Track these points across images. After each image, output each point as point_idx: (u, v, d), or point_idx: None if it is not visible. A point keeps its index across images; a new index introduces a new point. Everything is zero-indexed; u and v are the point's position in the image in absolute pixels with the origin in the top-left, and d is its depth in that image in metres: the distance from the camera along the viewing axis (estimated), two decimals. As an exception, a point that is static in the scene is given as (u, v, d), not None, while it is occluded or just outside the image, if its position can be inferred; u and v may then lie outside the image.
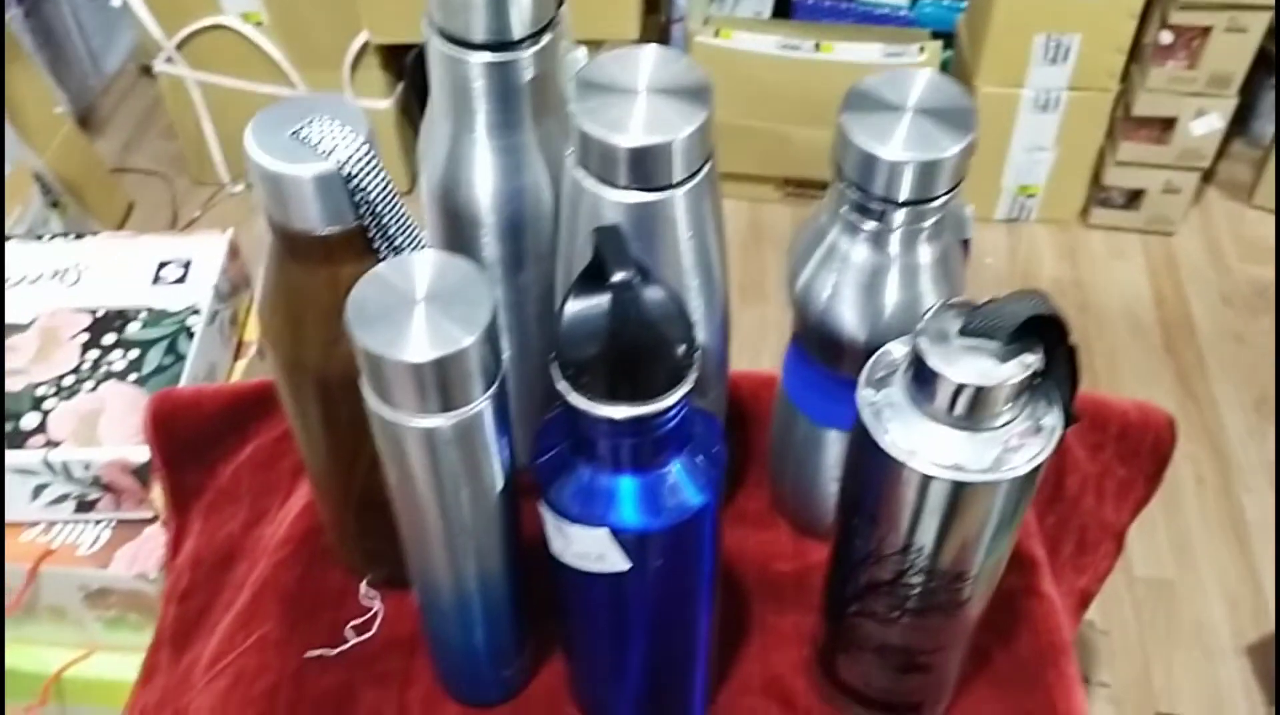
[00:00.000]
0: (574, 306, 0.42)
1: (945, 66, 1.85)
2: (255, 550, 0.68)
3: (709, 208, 0.49)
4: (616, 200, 0.47)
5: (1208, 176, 1.95)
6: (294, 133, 0.44)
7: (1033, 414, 0.45)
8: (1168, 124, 1.80)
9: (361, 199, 0.45)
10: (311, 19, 1.71)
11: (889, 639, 0.53)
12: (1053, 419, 0.45)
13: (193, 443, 0.71)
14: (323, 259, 0.47)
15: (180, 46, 1.77)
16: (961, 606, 0.51)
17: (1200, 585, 1.50)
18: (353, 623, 0.62)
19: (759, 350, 1.58)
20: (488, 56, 0.48)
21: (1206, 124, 1.78)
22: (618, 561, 0.45)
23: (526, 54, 0.48)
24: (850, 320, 0.52)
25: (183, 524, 0.71)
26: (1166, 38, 1.70)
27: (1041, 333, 0.43)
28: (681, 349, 0.41)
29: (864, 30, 1.90)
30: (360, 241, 0.47)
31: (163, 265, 1.05)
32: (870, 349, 0.53)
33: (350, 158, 0.44)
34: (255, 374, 1.11)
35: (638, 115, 0.45)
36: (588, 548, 0.45)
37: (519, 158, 0.52)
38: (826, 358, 0.55)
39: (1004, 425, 0.44)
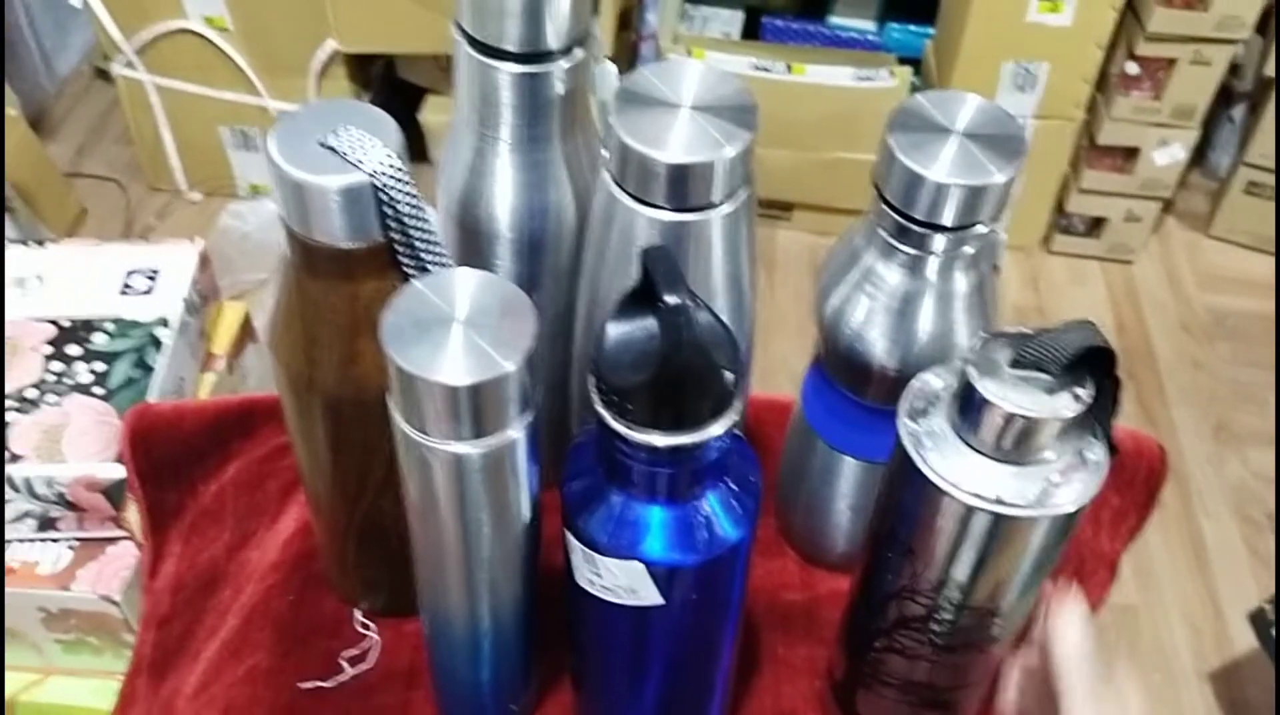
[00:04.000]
0: (617, 329, 0.40)
1: (914, 91, 1.86)
2: (241, 574, 0.65)
3: (745, 232, 0.47)
4: (652, 218, 0.45)
5: (1167, 207, 1.97)
6: (321, 141, 0.42)
7: (1076, 448, 0.44)
8: (1131, 153, 1.82)
9: (390, 212, 0.43)
10: (278, 25, 1.67)
11: (915, 675, 0.51)
12: (1097, 453, 0.44)
13: (172, 461, 0.68)
14: (343, 274, 0.45)
15: (140, 50, 1.73)
16: (992, 644, 0.49)
17: (1163, 611, 1.51)
18: (348, 653, 0.59)
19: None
20: (519, 68, 0.46)
21: (1169, 154, 1.80)
22: (651, 596, 0.44)
23: (559, 67, 0.47)
24: (882, 347, 0.50)
25: (160, 545, 0.68)
26: (1133, 68, 1.72)
27: (1091, 364, 0.42)
28: (730, 377, 0.39)
29: (833, 53, 1.90)
30: (383, 258, 0.45)
31: (130, 274, 1.01)
32: (900, 377, 0.51)
33: (381, 168, 0.41)
34: (224, 389, 1.08)
35: (680, 132, 0.44)
36: (619, 581, 0.43)
37: (544, 174, 0.50)
38: (852, 384, 0.53)
39: (1050, 459, 0.43)
